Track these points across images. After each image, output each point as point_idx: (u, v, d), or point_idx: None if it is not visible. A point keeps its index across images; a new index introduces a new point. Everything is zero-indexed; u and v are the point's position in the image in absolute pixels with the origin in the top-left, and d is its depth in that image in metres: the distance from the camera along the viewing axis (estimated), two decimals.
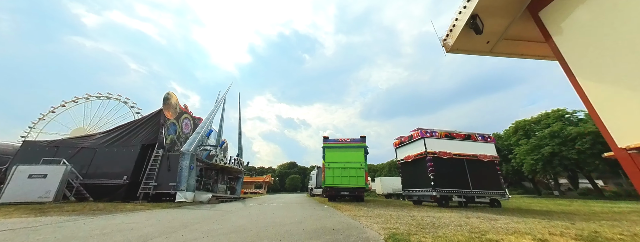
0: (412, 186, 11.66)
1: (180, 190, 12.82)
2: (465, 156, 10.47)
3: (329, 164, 13.21)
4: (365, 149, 13.18)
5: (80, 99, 26.52)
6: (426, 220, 5.57)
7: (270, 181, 52.29)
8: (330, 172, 13.05)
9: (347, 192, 12.67)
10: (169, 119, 15.52)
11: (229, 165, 18.39)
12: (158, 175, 13.26)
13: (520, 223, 5.28)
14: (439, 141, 10.61)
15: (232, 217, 6.44)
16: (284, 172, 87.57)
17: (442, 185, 9.68)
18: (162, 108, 14.54)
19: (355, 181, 12.54)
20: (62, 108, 26.30)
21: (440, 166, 10.02)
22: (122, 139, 13.90)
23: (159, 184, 13.05)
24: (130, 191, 12.66)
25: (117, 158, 13.29)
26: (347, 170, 12.82)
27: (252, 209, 9.04)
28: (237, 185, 23.98)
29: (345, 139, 13.65)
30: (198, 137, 14.70)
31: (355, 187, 12.58)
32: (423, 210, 8.63)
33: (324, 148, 13.68)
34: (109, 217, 6.22)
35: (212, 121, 17.51)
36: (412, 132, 11.59)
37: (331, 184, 12.85)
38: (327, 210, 8.33)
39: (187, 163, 13.38)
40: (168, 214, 7.42)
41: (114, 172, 12.87)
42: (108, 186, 12.54)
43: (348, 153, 13.16)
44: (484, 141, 11.21)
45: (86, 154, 13.37)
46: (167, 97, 15.02)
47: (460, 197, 9.78)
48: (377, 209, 8.61)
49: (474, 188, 9.93)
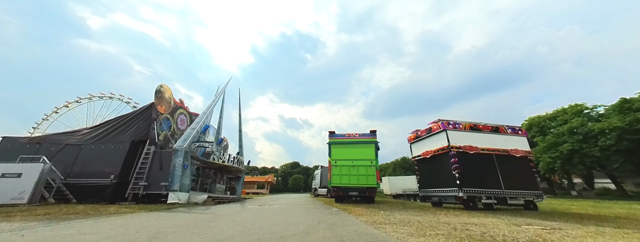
0: (431, 186, 10.28)
1: (172, 190, 11.64)
2: (494, 151, 9.07)
3: (336, 162, 11.89)
4: (376, 145, 11.82)
5: (83, 99, 25.91)
6: (474, 230, 4.24)
7: (272, 181, 51.14)
8: (337, 170, 11.72)
9: (356, 192, 11.33)
10: (162, 114, 14.36)
11: (228, 164, 17.18)
12: (149, 174, 12.09)
13: (605, 236, 3.92)
14: (464, 134, 9.23)
15: (222, 224, 5.18)
16: (286, 172, 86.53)
17: (469, 184, 8.30)
18: (154, 101, 13.38)
19: (366, 180, 11.20)
20: (66, 108, 25.72)
21: (466, 162, 8.67)
22: (110, 134, 12.76)
23: (150, 184, 11.88)
24: (118, 191, 11.51)
25: (105, 155, 12.15)
26: (356, 168, 11.48)
27: (249, 213, 7.78)
28: (238, 185, 22.79)
29: (353, 134, 12.31)
30: (193, 133, 13.52)
31: (365, 187, 11.24)
32: (451, 214, 7.28)
33: (330, 144, 12.35)
34: (70, 225, 5.01)
35: (209, 116, 16.32)
36: (430, 124, 10.20)
37: (338, 184, 11.53)
38: (338, 214, 7.03)
39: (180, 161, 12.20)
40: (148, 219, 6.20)
41: (100, 171, 11.73)
42: (94, 186, 11.40)
43: (357, 149, 11.82)
44: (514, 134, 9.80)
45: (71, 151, 12.26)
46: (159, 90, 13.85)
47: (490, 199, 8.38)
48: (397, 213, 7.29)
49: (507, 188, 8.54)
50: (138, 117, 13.13)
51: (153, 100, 13.37)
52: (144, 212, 8.12)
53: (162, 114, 14.32)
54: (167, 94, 14.63)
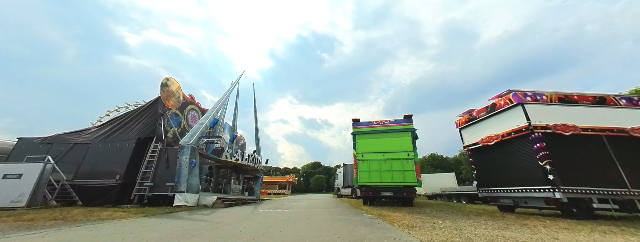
0: (498, 183, 7.67)
1: (179, 191, 10.43)
2: (603, 131, 6.32)
3: (363, 156, 9.81)
4: (412, 133, 9.53)
5: (121, 108, 27.01)
6: None
7: (294, 181, 50.03)
8: (365, 165, 9.65)
9: (390, 192, 9.15)
10: (170, 109, 13.39)
11: (243, 162, 15.87)
12: (155, 174, 11.04)
13: None
14: (551, 108, 6.55)
15: (208, 238, 3.47)
16: (308, 172, 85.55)
17: (571, 181, 5.75)
18: (160, 95, 12.39)
19: (402, 177, 8.99)
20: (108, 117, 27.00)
21: (560, 148, 6.04)
22: (117, 132, 11.99)
23: (157, 185, 10.81)
24: (124, 192, 10.58)
25: (111, 155, 11.35)
26: (389, 162, 9.31)
27: (256, 220, 6.07)
28: (256, 185, 21.58)
29: (383, 121, 10.14)
30: (201, 128, 12.29)
31: (401, 185, 9.04)
32: (553, 225, 4.88)
33: (354, 135, 10.31)
34: (38, 235, 3.65)
35: (220, 111, 15.11)
36: (494, 99, 7.61)
37: (367, 182, 9.46)
38: (374, 225, 5.02)
39: (186, 159, 10.98)
40: (134, 227, 4.77)
41: (106, 171, 10.91)
42: (100, 188, 10.59)
43: (389, 139, 9.64)
44: (631, 106, 6.86)
45: (79, 151, 11.65)
46: (165, 83, 12.86)
47: (606, 202, 5.69)
48: (464, 223, 5.07)
49: (635, 187, 5.75)
50: (144, 113, 12.23)
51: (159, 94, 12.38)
52: (140, 218, 6.87)
53: (170, 110, 13.35)
54: (174, 88, 13.64)
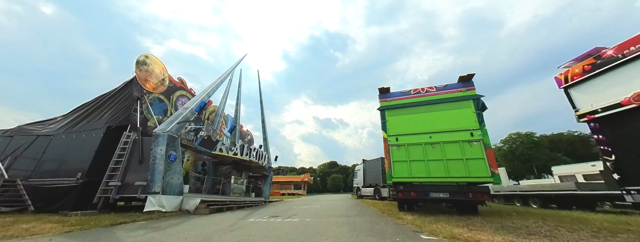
0: None
1: (151, 193, 7.96)
2: None
3: (397, 139, 6.72)
4: (477, 101, 6.29)
5: None
6: None
7: (309, 181, 47.34)
8: (401, 153, 6.55)
9: (444, 193, 5.96)
10: (152, 93, 11.09)
11: (244, 157, 13.31)
12: (127, 171, 8.67)
13: None
14: None
15: None
16: (325, 172, 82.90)
17: None
18: (135, 74, 10.08)
19: (464, 169, 5.80)
20: None
21: None
22: (85, 120, 9.84)
23: (126, 185, 8.43)
24: (86, 194, 8.30)
25: (74, 147, 9.19)
26: (440, 147, 6.16)
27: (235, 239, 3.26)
28: (265, 185, 19.02)
29: (426, 89, 6.96)
30: (185, 113, 9.82)
31: (463, 182, 5.86)
32: None
33: (382, 111, 7.23)
34: None
35: (211, 94, 12.61)
36: None
37: (407, 178, 6.37)
38: None
39: (162, 150, 8.51)
40: None
41: (67, 168, 8.74)
42: (58, 189, 8.40)
43: (438, 113, 6.50)
44: None
45: (42, 144, 9.63)
46: (143, 61, 10.55)
47: None
48: None
49: None
50: (116, 96, 9.97)
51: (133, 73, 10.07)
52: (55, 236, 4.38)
53: (151, 94, 11.05)
54: (157, 68, 11.33)
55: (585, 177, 12.05)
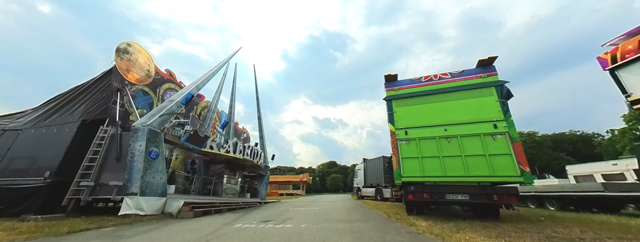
0: None
1: (129, 194, 7.05)
2: None
3: (407, 132, 5.87)
4: (500, 88, 5.45)
5: None
6: None
7: (308, 181, 46.45)
8: (411, 149, 5.70)
9: (464, 195, 5.11)
10: (135, 85, 10.14)
11: (237, 155, 12.40)
12: (102, 169, 7.75)
13: None
14: None
15: None
16: (324, 172, 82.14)
17: None
18: (115, 64, 9.13)
19: (486, 167, 4.97)
20: None
21: None
22: (57, 113, 8.89)
23: (101, 185, 7.51)
24: (55, 196, 7.34)
25: (44, 143, 8.23)
26: (457, 142, 5.33)
27: None
28: (261, 185, 18.12)
29: (439, 76, 6.11)
30: (170, 106, 8.91)
31: (486, 182, 5.02)
32: None
33: (389, 101, 6.38)
34: None
35: (202, 87, 11.68)
36: None
37: (418, 177, 5.52)
38: None
39: (142, 146, 7.60)
40: None
41: (34, 167, 7.79)
42: (21, 189, 7.44)
43: (454, 102, 5.68)
44: None
45: (8, 140, 8.67)
46: (124, 49, 9.61)
47: None
48: None
49: None
50: (93, 87, 9.03)
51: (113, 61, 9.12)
52: None
53: (134, 86, 10.10)
54: (141, 58, 10.39)
55: (604, 177, 11.30)
